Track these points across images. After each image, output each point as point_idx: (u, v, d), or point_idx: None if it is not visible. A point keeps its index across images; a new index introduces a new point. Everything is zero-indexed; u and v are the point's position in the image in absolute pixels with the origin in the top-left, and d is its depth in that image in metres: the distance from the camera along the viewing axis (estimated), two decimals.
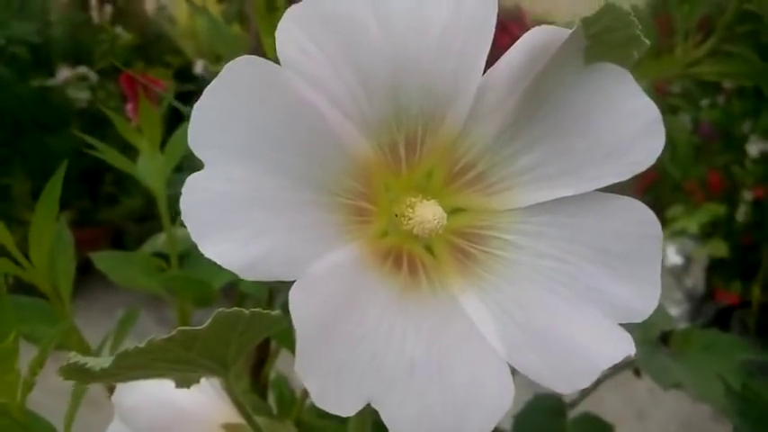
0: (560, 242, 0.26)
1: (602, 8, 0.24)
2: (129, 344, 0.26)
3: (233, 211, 0.22)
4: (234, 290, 0.55)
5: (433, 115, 0.25)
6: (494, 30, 0.24)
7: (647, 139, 0.25)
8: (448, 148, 0.26)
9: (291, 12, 0.23)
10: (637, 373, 0.67)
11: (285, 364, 0.41)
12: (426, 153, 0.26)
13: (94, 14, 3.00)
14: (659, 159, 0.25)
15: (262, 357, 0.55)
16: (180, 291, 0.56)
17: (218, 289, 0.55)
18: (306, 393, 0.52)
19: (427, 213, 0.25)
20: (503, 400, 0.23)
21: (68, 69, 2.68)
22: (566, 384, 0.23)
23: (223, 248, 0.21)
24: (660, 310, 0.70)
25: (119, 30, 3.03)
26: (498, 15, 0.24)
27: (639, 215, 0.26)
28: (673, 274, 2.11)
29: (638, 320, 0.25)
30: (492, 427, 0.23)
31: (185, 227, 0.22)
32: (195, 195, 0.22)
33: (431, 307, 0.25)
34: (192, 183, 0.22)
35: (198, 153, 0.22)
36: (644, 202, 0.26)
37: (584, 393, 0.67)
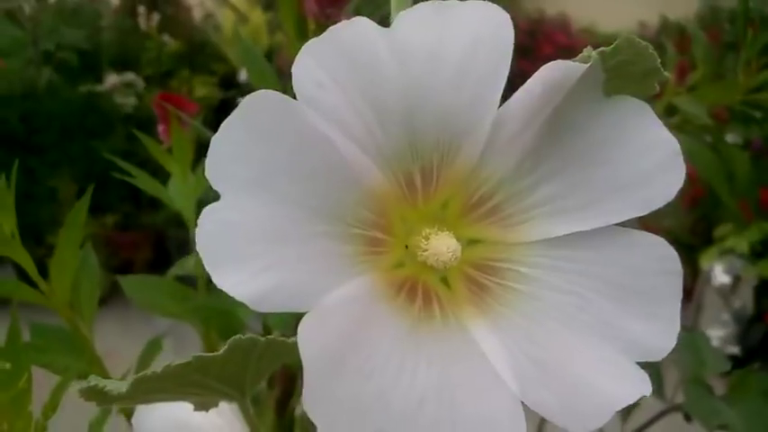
0: (576, 276, 0.25)
1: (621, 42, 0.24)
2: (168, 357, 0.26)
3: (245, 242, 0.22)
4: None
5: (449, 147, 0.25)
6: (510, 62, 0.24)
7: (665, 174, 0.25)
8: (464, 179, 0.26)
9: (309, 47, 0.23)
10: (687, 418, 0.65)
11: None
12: (442, 184, 0.26)
13: (142, 22, 3.06)
14: (714, 181, 0.25)
15: (287, 392, 0.54)
16: (204, 321, 0.56)
17: (245, 322, 0.54)
18: None
19: (441, 245, 0.25)
20: None
21: (116, 76, 2.74)
22: (579, 424, 0.23)
23: (235, 280, 0.22)
24: (716, 353, 0.67)
25: (165, 37, 3.10)
26: (543, 24, 0.24)
27: (659, 251, 0.25)
28: (720, 294, 2.04)
29: (657, 359, 0.25)
30: None
31: None
32: (209, 226, 0.22)
33: (443, 340, 0.25)
34: (207, 214, 0.22)
35: (214, 184, 0.23)
36: (691, 219, 0.26)
37: None
